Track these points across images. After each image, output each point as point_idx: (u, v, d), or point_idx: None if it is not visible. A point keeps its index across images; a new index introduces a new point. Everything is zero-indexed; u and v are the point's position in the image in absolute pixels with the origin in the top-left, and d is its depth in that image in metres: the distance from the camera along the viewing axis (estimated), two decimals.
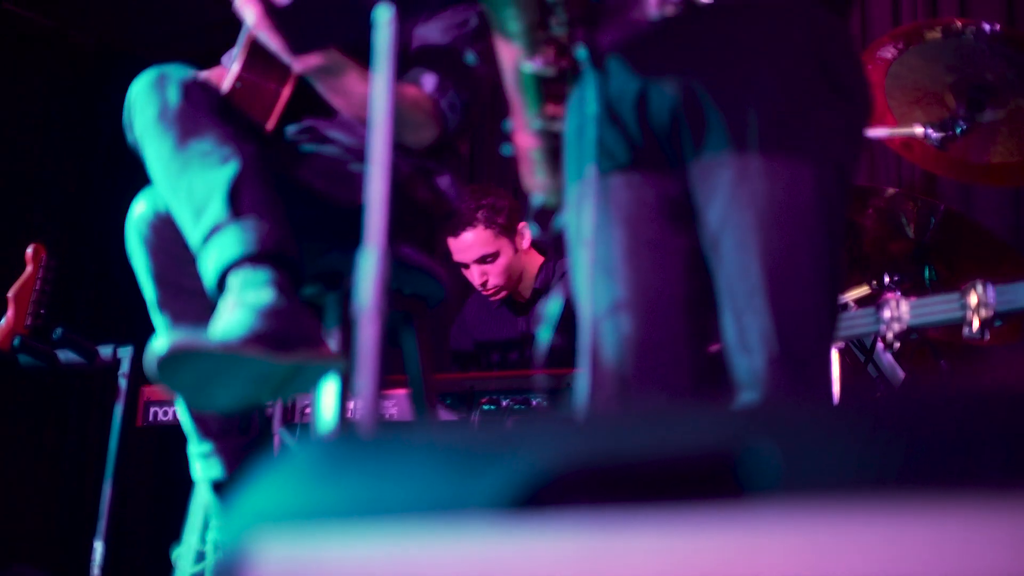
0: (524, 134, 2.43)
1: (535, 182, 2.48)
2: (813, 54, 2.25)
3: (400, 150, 3.02)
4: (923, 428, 0.93)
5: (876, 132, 3.92)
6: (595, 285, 2.27)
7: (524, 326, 5.00)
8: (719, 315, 2.28)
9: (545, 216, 2.47)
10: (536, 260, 5.05)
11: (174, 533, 3.36)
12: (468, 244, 4.86)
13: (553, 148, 2.42)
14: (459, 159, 3.26)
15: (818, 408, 1.00)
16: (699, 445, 1.01)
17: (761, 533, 0.95)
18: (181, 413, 3.04)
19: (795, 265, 2.19)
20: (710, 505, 0.97)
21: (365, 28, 1.84)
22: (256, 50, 2.86)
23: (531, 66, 2.27)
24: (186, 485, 3.25)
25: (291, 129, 3.09)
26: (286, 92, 2.90)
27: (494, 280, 4.93)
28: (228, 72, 2.98)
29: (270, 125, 2.94)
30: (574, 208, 2.36)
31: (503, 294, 5.02)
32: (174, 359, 2.42)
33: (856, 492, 0.93)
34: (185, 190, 2.70)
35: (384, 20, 1.64)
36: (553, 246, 4.90)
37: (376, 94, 1.63)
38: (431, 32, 3.04)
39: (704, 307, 2.32)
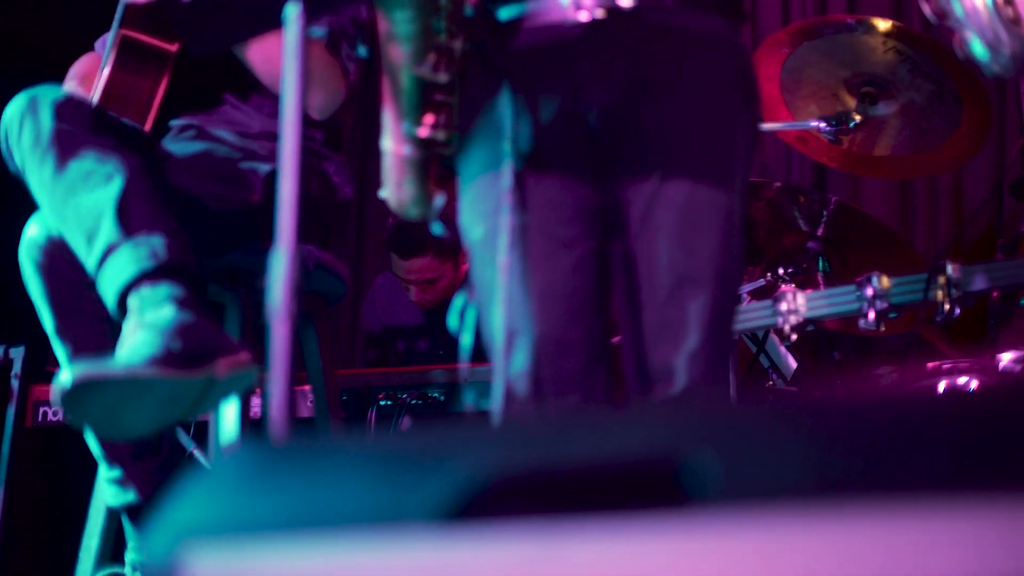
0: (398, 141, 2.41)
1: (403, 191, 2.47)
2: (737, 77, 2.38)
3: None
4: (866, 431, 0.93)
5: (771, 125, 3.98)
6: (508, 285, 2.28)
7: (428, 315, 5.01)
8: (629, 311, 2.33)
9: (450, 215, 2.46)
10: None
11: (66, 537, 3.28)
12: (416, 268, 4.91)
13: (428, 157, 2.41)
14: (342, 141, 3.20)
15: (760, 411, 1.00)
16: (640, 450, 1.00)
17: (704, 540, 0.95)
18: (88, 438, 2.96)
19: (714, 262, 2.29)
20: (651, 512, 0.96)
21: (271, 27, 1.81)
22: (127, 47, 2.81)
23: (419, 71, 2.27)
24: (80, 487, 3.18)
25: (173, 127, 3.02)
26: (161, 89, 2.85)
27: (431, 297, 4.99)
28: (99, 73, 2.92)
29: (148, 125, 2.87)
30: (479, 205, 2.38)
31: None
32: (80, 391, 2.36)
33: (800, 497, 0.92)
34: (73, 215, 2.65)
35: (293, 17, 1.60)
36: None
37: (287, 94, 1.59)
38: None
39: (608, 305, 2.39)
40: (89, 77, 3.09)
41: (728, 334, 2.41)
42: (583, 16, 2.32)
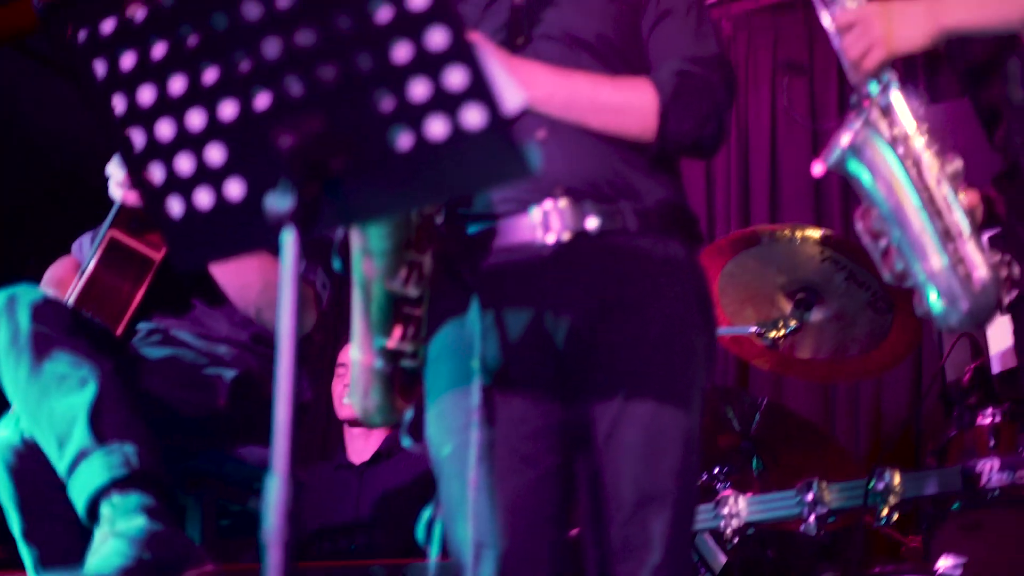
0: (367, 352, 2.44)
1: (369, 400, 2.48)
2: (696, 299, 2.49)
3: (260, 344, 3.00)
4: None
5: None
6: (476, 499, 2.31)
7: (358, 507, 4.92)
8: (593, 526, 2.37)
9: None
10: None
11: None
12: None
13: (395, 369, 2.44)
14: (313, 347, 3.26)
15: None
16: None
17: None
18: None
19: (675, 480, 2.36)
20: None
21: (259, 248, 1.83)
22: (114, 249, 2.86)
23: (390, 285, 2.32)
24: None
25: (140, 329, 3.04)
26: (140, 294, 2.89)
27: None
28: (81, 269, 2.95)
29: (120, 328, 2.90)
30: (448, 421, 2.40)
31: None
32: None
33: None
34: (46, 418, 2.66)
35: (288, 242, 1.60)
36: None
37: (282, 317, 1.58)
38: None
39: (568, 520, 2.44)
40: (65, 282, 3.12)
41: (688, 547, 2.53)
42: (551, 238, 2.40)
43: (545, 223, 2.41)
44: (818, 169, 2.46)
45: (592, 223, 2.41)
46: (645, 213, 2.45)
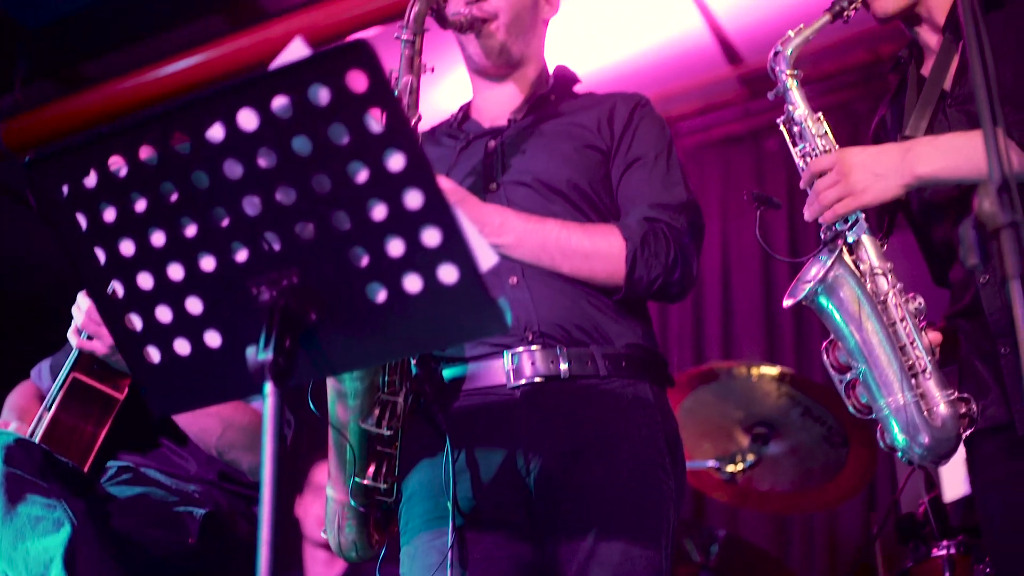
0: (341, 489, 2.48)
1: (344, 536, 2.52)
2: (665, 441, 2.55)
3: (227, 481, 3.02)
4: None
5: None
6: None
7: None
8: None
9: None
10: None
11: None
12: None
13: (369, 505, 2.49)
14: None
15: None
16: None
17: None
18: None
19: None
20: None
21: (236, 397, 1.86)
22: (76, 390, 2.88)
23: (364, 425, 2.37)
24: None
25: (110, 467, 3.05)
26: (103, 433, 2.92)
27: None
28: (43, 410, 2.96)
29: (87, 466, 2.91)
30: (421, 560, 2.43)
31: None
32: None
33: None
34: (22, 559, 2.66)
35: (268, 393, 1.64)
36: None
37: (263, 466, 1.62)
38: None
39: None
40: (26, 411, 3.13)
41: None
42: (522, 382, 2.45)
43: (517, 367, 2.48)
44: (788, 303, 2.51)
45: (563, 367, 2.47)
46: (615, 357, 2.52)
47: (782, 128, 2.65)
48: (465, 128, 2.89)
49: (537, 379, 2.47)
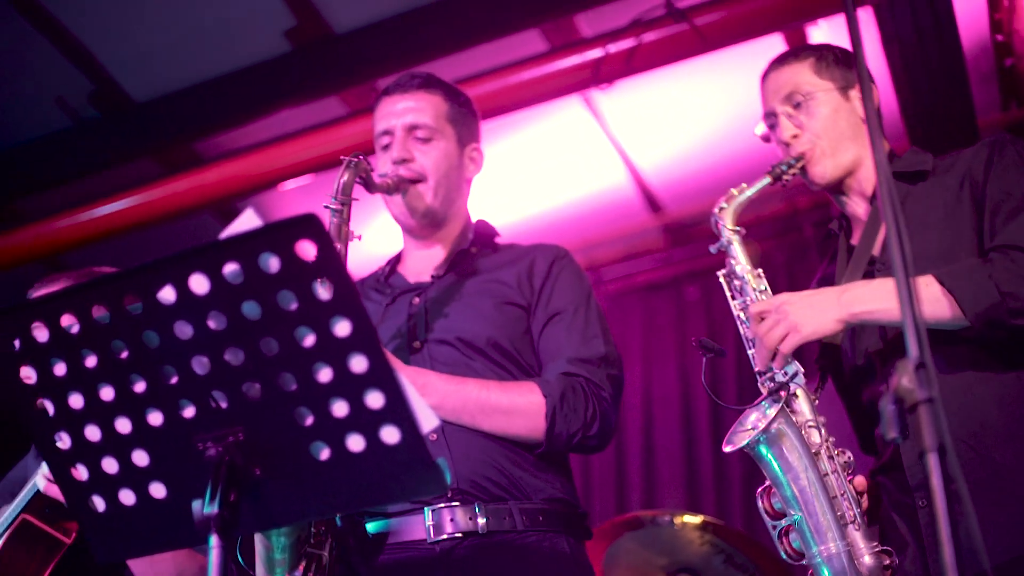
0: None
1: None
2: None
3: None
4: None
5: None
6: None
7: None
8: None
9: None
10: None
11: None
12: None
13: None
14: None
15: None
16: None
17: None
18: None
19: None
20: None
21: (185, 546, 1.90)
22: (25, 530, 2.88)
23: None
24: None
25: None
26: (47, 571, 2.90)
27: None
28: None
29: None
30: None
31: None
32: None
33: None
34: None
35: (213, 545, 1.70)
36: None
37: None
38: None
39: None
40: None
41: None
42: (442, 537, 2.53)
43: (437, 523, 2.56)
44: (728, 449, 2.59)
45: (481, 523, 2.54)
46: (532, 512, 2.61)
47: (722, 281, 2.77)
48: (391, 283, 3.00)
49: (457, 535, 2.55)
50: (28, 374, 1.83)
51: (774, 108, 2.83)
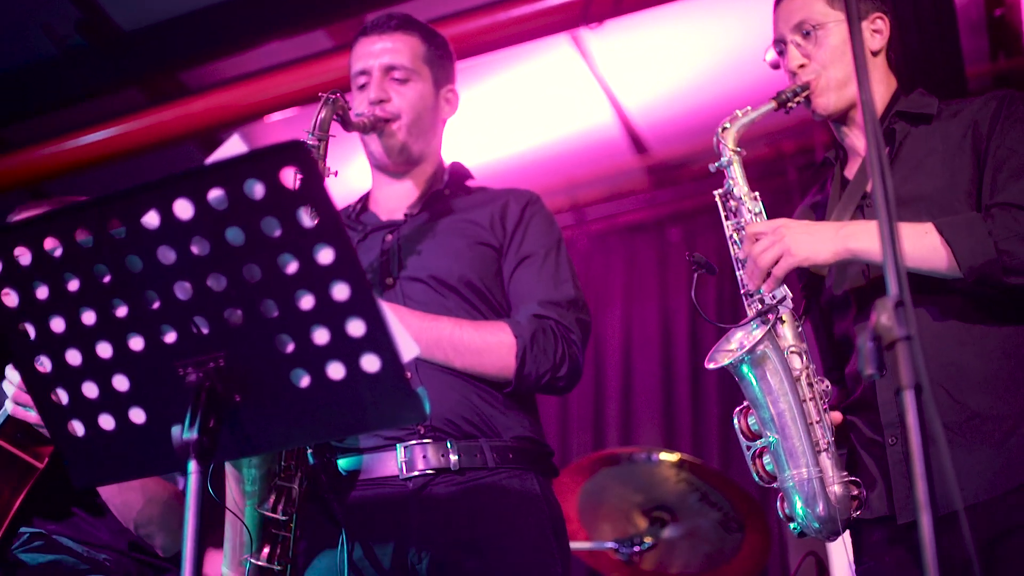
0: (236, 569, 2.53)
1: None
2: (551, 529, 2.68)
3: (136, 551, 3.04)
4: None
5: (571, 545, 4.19)
6: None
7: None
8: None
9: None
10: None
11: None
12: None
13: None
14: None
15: None
16: None
17: None
18: None
19: None
20: None
21: (157, 473, 1.91)
22: None
23: (259, 508, 2.45)
24: None
25: (22, 533, 3.03)
26: (19, 500, 2.91)
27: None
28: None
29: (0, 531, 2.89)
30: None
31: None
32: None
33: None
34: None
35: (192, 470, 1.71)
36: None
37: (186, 545, 1.68)
38: None
39: None
40: None
41: None
42: (414, 474, 2.56)
43: (409, 460, 2.59)
44: (711, 366, 2.59)
45: (453, 459, 2.58)
46: (503, 449, 2.65)
47: (718, 200, 2.75)
48: (363, 219, 3.02)
49: (429, 471, 2.59)
50: (9, 297, 1.84)
51: (784, 35, 2.79)
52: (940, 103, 2.74)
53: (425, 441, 2.61)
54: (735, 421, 2.62)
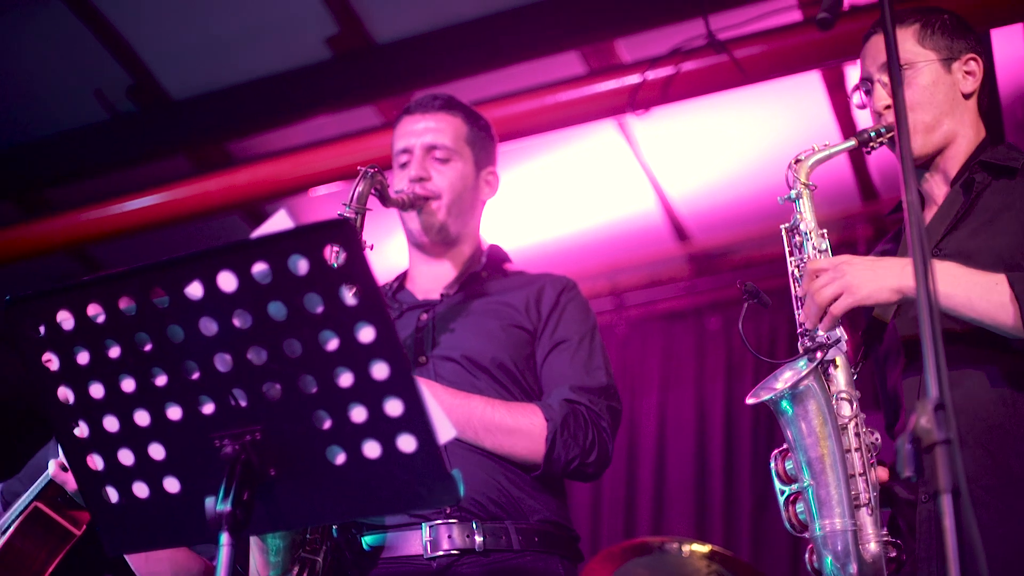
0: None
1: None
2: None
3: None
4: None
5: None
6: None
7: None
8: None
9: None
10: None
11: None
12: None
13: None
14: None
15: None
16: None
17: None
18: None
19: None
20: None
21: (195, 543, 1.91)
22: (36, 519, 2.89)
23: None
24: None
25: None
26: (54, 565, 2.92)
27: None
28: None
29: None
30: None
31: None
32: None
33: None
34: None
35: (224, 543, 1.70)
36: None
37: None
38: None
39: None
40: None
41: None
42: (439, 554, 2.56)
43: (434, 539, 2.58)
44: (751, 401, 2.50)
45: (478, 540, 2.56)
46: (528, 532, 2.63)
47: (783, 234, 2.66)
48: (399, 298, 3.03)
49: (453, 552, 2.57)
50: (51, 361, 1.85)
51: (871, 74, 2.70)
52: None
53: (451, 521, 2.60)
54: (772, 464, 2.51)
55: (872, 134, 2.64)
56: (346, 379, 1.68)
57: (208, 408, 1.79)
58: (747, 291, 2.60)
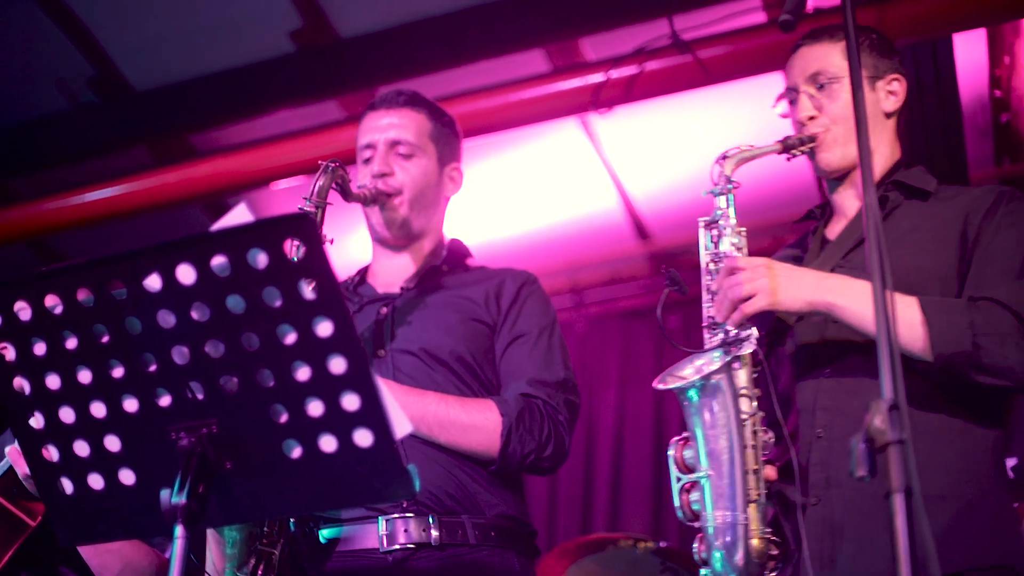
0: None
1: None
2: None
3: None
4: None
5: None
6: None
7: None
8: None
9: None
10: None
11: None
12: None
13: None
14: None
15: None
16: None
17: None
18: None
19: None
20: None
21: (149, 535, 1.90)
22: None
23: (240, 573, 2.44)
24: None
25: None
26: (7, 555, 2.89)
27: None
28: None
29: None
30: None
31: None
32: None
33: None
34: None
35: (178, 535, 1.70)
36: None
37: None
38: None
39: None
40: None
41: None
42: (395, 547, 2.57)
43: (391, 533, 2.59)
44: (659, 387, 2.53)
45: (434, 535, 2.57)
46: (484, 527, 2.64)
47: (700, 227, 2.70)
48: (360, 292, 3.04)
49: (410, 545, 2.58)
50: (7, 351, 1.84)
51: (797, 84, 2.76)
52: (939, 184, 2.70)
53: (408, 515, 2.60)
54: (671, 450, 2.53)
55: (796, 142, 2.70)
56: (303, 373, 1.69)
57: (165, 400, 1.79)
58: (668, 278, 2.63)
